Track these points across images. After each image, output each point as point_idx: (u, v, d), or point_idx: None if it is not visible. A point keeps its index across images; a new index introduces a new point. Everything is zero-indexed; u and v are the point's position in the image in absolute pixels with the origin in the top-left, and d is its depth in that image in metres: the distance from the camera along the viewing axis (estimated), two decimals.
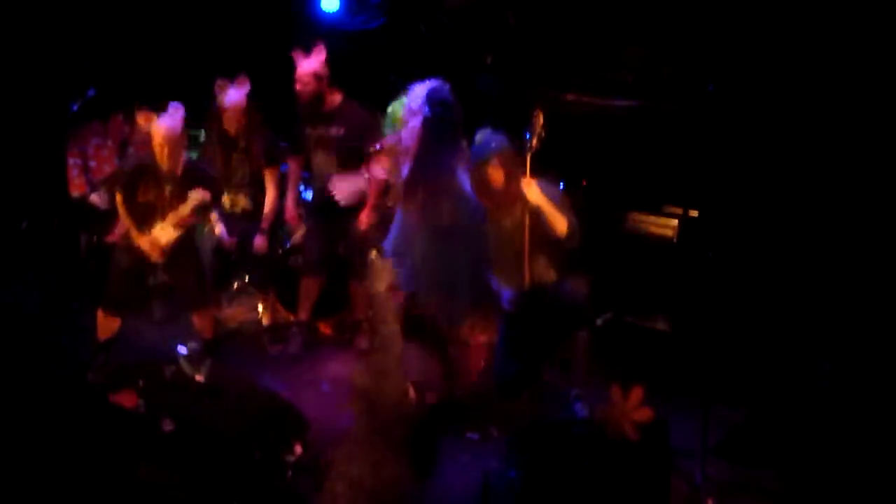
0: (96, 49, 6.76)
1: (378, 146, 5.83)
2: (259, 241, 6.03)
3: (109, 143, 6.42)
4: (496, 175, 4.80)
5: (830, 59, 5.41)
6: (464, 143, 4.97)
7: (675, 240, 5.93)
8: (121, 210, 5.34)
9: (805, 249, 5.44)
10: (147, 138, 5.25)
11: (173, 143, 5.13)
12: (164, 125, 5.10)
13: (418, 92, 4.99)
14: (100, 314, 5.41)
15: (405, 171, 5.03)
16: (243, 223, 6.04)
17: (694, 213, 5.92)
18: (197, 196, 5.15)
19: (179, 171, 5.23)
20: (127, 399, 4.43)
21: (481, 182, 4.84)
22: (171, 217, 5.18)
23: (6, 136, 6.90)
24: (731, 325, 5.20)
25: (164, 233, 5.21)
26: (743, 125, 5.73)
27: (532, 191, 4.73)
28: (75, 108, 5.92)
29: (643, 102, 6.14)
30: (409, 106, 5.00)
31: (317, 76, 5.73)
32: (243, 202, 6.05)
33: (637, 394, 4.06)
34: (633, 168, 6.18)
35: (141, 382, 4.49)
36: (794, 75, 5.56)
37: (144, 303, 6.01)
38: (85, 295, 5.97)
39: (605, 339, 5.80)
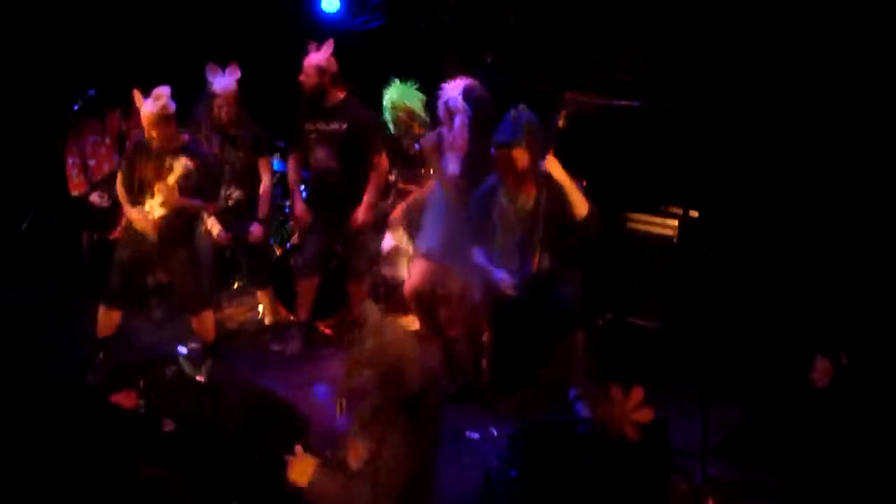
0: (96, 49, 6.75)
1: (417, 146, 5.92)
2: (256, 230, 5.99)
3: (107, 140, 6.41)
4: (521, 158, 4.85)
5: (830, 58, 5.41)
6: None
7: (675, 240, 5.92)
8: (118, 186, 5.40)
9: (805, 249, 5.44)
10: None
11: (160, 125, 5.14)
12: (148, 109, 5.12)
13: (452, 92, 5.18)
14: (100, 309, 5.40)
15: (451, 167, 5.22)
16: (238, 217, 6.02)
17: (694, 214, 5.92)
18: (182, 163, 5.13)
19: (176, 148, 5.22)
20: (127, 399, 4.43)
21: (506, 162, 4.89)
22: (161, 188, 5.15)
23: (6, 135, 6.91)
24: (731, 325, 5.20)
25: (155, 208, 5.20)
26: (743, 125, 5.73)
27: (556, 168, 4.78)
28: (76, 107, 5.91)
29: (643, 102, 6.14)
30: (450, 105, 5.19)
31: (319, 69, 5.73)
32: (236, 194, 6.03)
33: (637, 394, 4.05)
34: (634, 168, 6.18)
35: (141, 382, 4.49)
36: (794, 75, 5.56)
37: (144, 300, 6.02)
38: (85, 294, 5.97)
39: (605, 339, 5.80)
